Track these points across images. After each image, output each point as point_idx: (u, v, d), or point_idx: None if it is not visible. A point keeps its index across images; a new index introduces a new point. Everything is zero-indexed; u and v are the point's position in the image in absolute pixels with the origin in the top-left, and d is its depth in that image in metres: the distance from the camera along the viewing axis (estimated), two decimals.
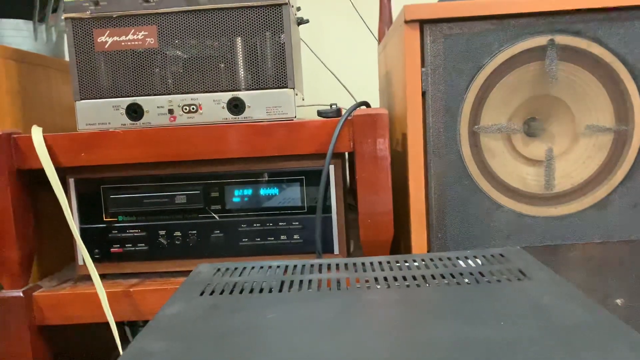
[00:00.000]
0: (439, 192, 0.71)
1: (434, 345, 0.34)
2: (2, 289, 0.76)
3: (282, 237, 0.76)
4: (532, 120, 0.73)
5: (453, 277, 0.49)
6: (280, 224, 0.76)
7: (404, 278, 0.50)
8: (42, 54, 0.95)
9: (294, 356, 0.33)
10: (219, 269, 0.55)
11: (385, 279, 0.50)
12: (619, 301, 0.72)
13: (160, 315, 0.42)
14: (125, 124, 0.75)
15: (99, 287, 0.71)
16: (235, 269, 0.55)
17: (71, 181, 0.77)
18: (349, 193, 1.08)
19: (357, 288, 0.48)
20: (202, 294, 0.47)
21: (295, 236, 0.76)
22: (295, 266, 0.55)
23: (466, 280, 0.48)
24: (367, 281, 0.50)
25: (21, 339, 0.75)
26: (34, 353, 0.76)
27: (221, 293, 0.47)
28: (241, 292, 0.47)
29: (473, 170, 0.71)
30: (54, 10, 1.03)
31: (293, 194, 0.76)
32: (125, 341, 0.88)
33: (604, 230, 0.71)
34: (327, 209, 0.75)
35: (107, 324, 0.93)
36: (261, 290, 0.48)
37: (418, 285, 0.47)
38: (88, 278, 0.78)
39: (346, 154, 0.99)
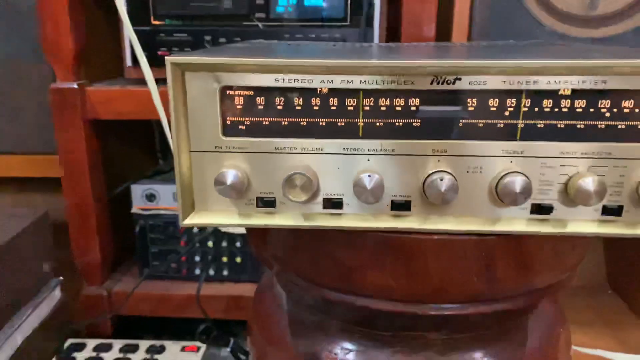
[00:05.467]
0: (483, 5, 0.72)
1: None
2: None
3: None
4: None
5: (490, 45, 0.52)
6: (322, 35, 0.78)
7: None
8: None
9: None
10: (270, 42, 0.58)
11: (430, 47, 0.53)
12: None
13: (226, 46, 0.45)
14: None
15: (150, 79, 0.75)
16: None
17: None
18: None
19: None
20: None
21: None
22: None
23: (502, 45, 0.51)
24: None
25: (76, 130, 0.81)
26: (87, 144, 0.82)
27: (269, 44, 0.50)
28: None
29: None
30: None
31: (337, 5, 0.77)
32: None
33: None
34: (369, 21, 0.77)
35: (152, 132, 0.99)
36: None
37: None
38: (136, 82, 0.83)
39: None
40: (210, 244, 0.89)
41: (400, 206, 0.36)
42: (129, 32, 0.77)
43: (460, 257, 0.36)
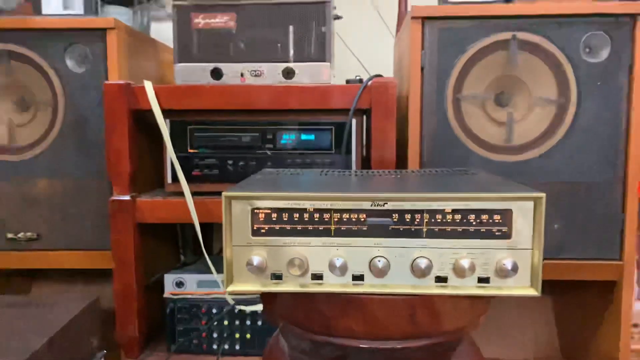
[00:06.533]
0: (429, 139, 1.00)
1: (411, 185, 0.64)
2: None
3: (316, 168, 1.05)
4: (500, 94, 1.01)
5: (427, 173, 0.78)
6: (315, 159, 1.05)
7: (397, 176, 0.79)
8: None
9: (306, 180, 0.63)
10: (278, 171, 0.85)
11: (385, 175, 0.79)
12: (556, 226, 1.00)
13: (251, 178, 0.72)
14: (209, 82, 1.05)
15: (187, 192, 1.01)
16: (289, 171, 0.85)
17: (167, 122, 1.07)
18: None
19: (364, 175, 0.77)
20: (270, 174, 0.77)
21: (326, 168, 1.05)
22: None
23: (434, 173, 0.77)
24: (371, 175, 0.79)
25: (127, 231, 1.05)
26: (135, 243, 1.06)
27: (277, 174, 0.77)
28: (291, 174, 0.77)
29: (455, 126, 1.00)
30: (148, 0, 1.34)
31: (324, 139, 1.05)
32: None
33: (546, 174, 0.99)
34: (348, 150, 1.05)
35: (177, 235, 1.24)
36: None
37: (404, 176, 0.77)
38: (174, 194, 1.09)
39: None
40: (225, 322, 1.11)
41: (358, 278, 0.60)
42: (171, 157, 1.05)
43: (394, 309, 0.59)
